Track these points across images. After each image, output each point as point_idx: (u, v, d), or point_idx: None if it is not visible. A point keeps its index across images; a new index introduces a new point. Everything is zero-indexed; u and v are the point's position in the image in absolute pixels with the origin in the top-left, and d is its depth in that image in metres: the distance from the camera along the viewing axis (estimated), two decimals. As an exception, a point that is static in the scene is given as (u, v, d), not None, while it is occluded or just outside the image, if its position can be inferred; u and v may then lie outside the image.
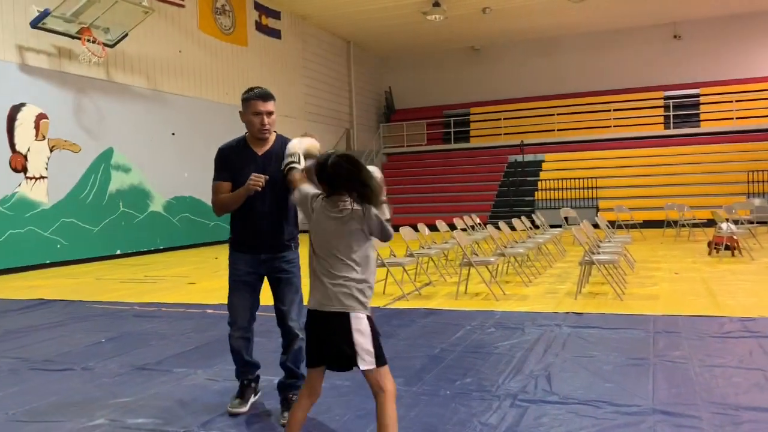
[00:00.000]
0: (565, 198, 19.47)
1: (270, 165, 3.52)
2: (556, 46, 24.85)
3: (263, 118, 3.51)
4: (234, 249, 3.68)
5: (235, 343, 3.71)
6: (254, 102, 3.50)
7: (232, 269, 3.67)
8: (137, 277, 10.30)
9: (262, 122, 3.51)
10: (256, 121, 3.51)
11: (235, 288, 3.67)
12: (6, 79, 11.58)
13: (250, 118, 3.52)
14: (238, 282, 3.65)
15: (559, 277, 8.69)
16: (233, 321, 3.70)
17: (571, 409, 3.51)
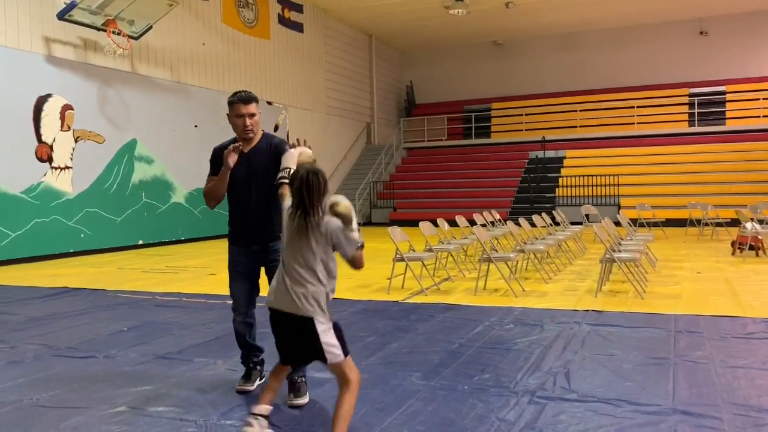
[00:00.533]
0: (587, 195, 19.29)
1: (256, 160, 3.79)
2: (579, 41, 24.62)
3: (245, 119, 3.78)
4: (230, 242, 3.95)
5: (238, 327, 3.94)
6: (237, 105, 3.78)
7: (229, 260, 3.93)
8: (159, 267, 10.42)
9: (245, 124, 3.78)
10: (239, 123, 3.79)
11: (232, 278, 3.93)
12: (33, 71, 11.75)
13: (234, 120, 3.81)
14: (235, 272, 3.92)
15: (579, 274, 8.63)
16: (235, 307, 3.94)
17: (589, 407, 3.49)
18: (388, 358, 4.58)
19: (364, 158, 23.86)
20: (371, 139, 25.05)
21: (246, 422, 3.04)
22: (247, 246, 3.84)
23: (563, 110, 23.63)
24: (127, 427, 3.36)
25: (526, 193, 20.30)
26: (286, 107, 19.34)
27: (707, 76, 22.86)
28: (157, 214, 14.43)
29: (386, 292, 7.45)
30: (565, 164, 21.41)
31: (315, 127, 20.97)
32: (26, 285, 8.66)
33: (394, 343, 4.99)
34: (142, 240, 14.03)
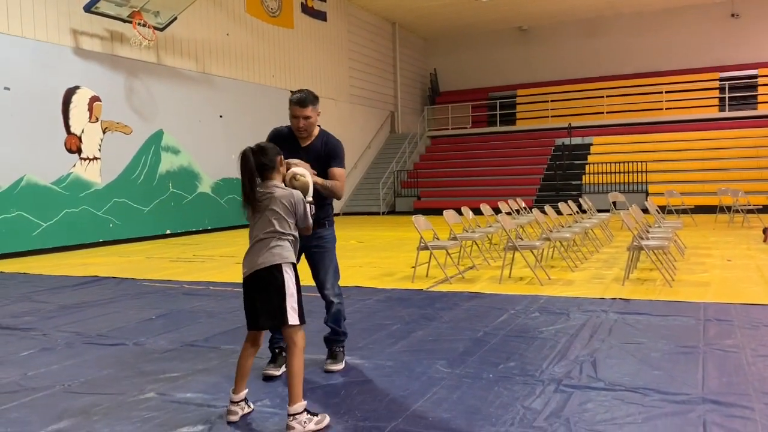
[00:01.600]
0: (614, 182, 19.04)
1: (310, 157, 3.94)
2: (606, 26, 24.22)
3: (300, 121, 3.97)
4: None
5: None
6: (293, 107, 3.97)
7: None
8: (186, 257, 10.55)
9: (298, 125, 3.99)
10: (294, 124, 4.01)
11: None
12: (61, 63, 11.93)
13: (291, 120, 4.02)
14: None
15: (606, 262, 8.53)
16: None
17: (617, 395, 3.45)
18: (413, 345, 4.58)
19: (387, 147, 23.83)
20: (395, 127, 25.00)
21: (228, 410, 3.24)
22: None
23: (590, 96, 23.31)
24: (156, 412, 3.42)
25: (552, 181, 20.10)
26: (310, 96, 19.34)
27: (738, 59, 22.33)
28: (184, 203, 14.60)
29: (410, 280, 7.45)
30: (592, 151, 21.14)
31: (339, 116, 20.98)
32: (57, 274, 8.84)
33: (419, 331, 4.99)
34: (169, 230, 14.22)
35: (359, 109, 22.43)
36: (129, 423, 3.28)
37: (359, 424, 3.16)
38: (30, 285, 7.94)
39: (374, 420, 3.19)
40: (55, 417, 3.37)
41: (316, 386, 3.75)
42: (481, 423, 3.12)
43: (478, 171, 21.52)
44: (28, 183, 11.35)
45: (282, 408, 3.35)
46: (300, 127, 3.98)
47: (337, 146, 4.12)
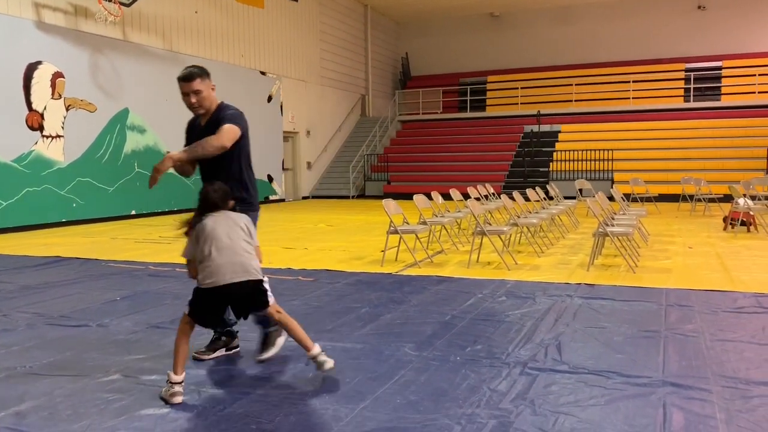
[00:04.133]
0: (581, 170, 19.30)
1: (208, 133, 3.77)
2: (576, 14, 24.41)
3: (191, 97, 3.78)
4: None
5: None
6: (180, 84, 3.78)
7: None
8: (152, 238, 10.40)
9: (191, 102, 3.79)
10: (186, 101, 3.80)
11: None
12: (23, 37, 11.56)
13: (183, 99, 3.81)
14: None
15: (571, 248, 8.67)
16: None
17: (580, 378, 3.52)
18: (381, 329, 4.60)
19: (358, 130, 23.74)
20: (366, 111, 24.90)
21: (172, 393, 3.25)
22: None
23: (559, 84, 23.51)
24: (121, 394, 3.37)
25: (520, 167, 20.29)
26: (280, 78, 19.15)
27: (704, 51, 22.75)
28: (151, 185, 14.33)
29: (380, 264, 7.47)
30: (560, 138, 21.37)
31: (309, 98, 20.79)
32: (18, 254, 8.63)
33: (387, 315, 5.01)
34: (134, 210, 13.97)
35: (330, 91, 22.27)
36: (93, 405, 3.23)
37: (327, 405, 3.16)
38: (-11, 265, 7.74)
39: (342, 402, 3.20)
40: (16, 399, 3.30)
41: (284, 369, 3.74)
42: (448, 405, 3.16)
43: (448, 156, 21.59)
44: (-12, 160, 11.02)
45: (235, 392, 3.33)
46: (192, 104, 3.80)
47: (234, 114, 3.88)
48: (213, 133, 3.74)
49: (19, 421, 3.03)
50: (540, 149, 20.84)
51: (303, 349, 3.59)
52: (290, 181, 20.29)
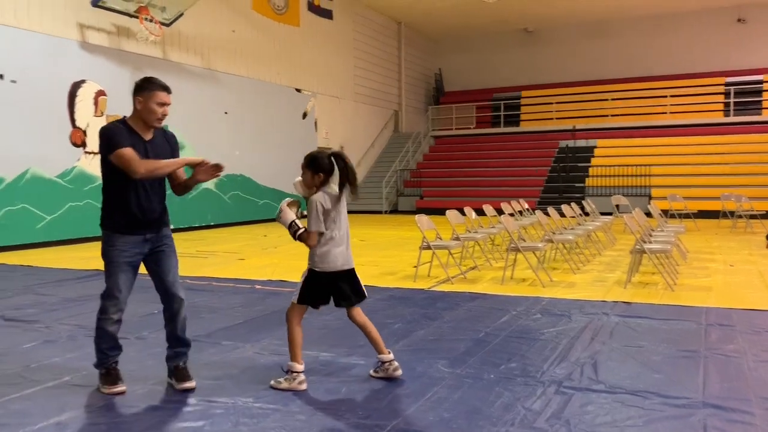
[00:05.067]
0: (617, 185, 19.02)
1: (160, 150, 3.75)
2: (612, 29, 24.19)
3: (165, 109, 3.72)
4: (117, 231, 3.67)
5: (113, 327, 3.71)
6: (160, 93, 3.70)
7: (117, 251, 3.64)
8: (189, 252, 10.56)
9: (164, 113, 3.72)
10: (159, 111, 3.69)
11: (120, 269, 3.65)
12: (68, 57, 11.95)
13: (152, 107, 3.67)
14: (124, 263, 3.66)
15: (608, 265, 8.53)
16: (117, 303, 3.68)
17: (617, 398, 3.46)
18: (414, 344, 4.59)
19: (391, 146, 23.83)
20: (399, 126, 25.00)
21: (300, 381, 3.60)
22: (144, 234, 3.69)
23: (594, 99, 23.29)
24: (158, 406, 3.43)
25: (555, 183, 20.10)
26: (315, 94, 19.38)
27: (744, 64, 22.29)
28: (188, 199, 14.61)
29: (412, 280, 7.46)
30: (596, 154, 21.12)
31: (342, 115, 20.98)
32: (60, 267, 8.86)
33: (420, 331, 5.00)
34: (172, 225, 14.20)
35: (363, 107, 22.44)
36: (130, 416, 3.29)
37: (361, 422, 3.17)
38: (34, 277, 7.96)
39: (376, 418, 3.20)
40: (56, 409, 3.38)
41: (317, 384, 3.76)
42: (481, 423, 3.13)
43: (481, 171, 21.51)
44: (33, 176, 11.37)
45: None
46: (164, 115, 3.71)
47: (174, 137, 3.93)
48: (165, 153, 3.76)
49: (60, 431, 3.10)
50: (575, 164, 20.62)
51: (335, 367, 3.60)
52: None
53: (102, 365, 3.72)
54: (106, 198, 3.72)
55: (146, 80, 3.75)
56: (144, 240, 3.70)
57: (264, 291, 6.85)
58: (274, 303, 6.10)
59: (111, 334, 3.71)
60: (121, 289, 3.66)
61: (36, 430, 3.11)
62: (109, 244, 3.66)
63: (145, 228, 3.70)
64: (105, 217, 3.72)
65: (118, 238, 3.65)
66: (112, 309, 3.68)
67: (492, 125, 24.64)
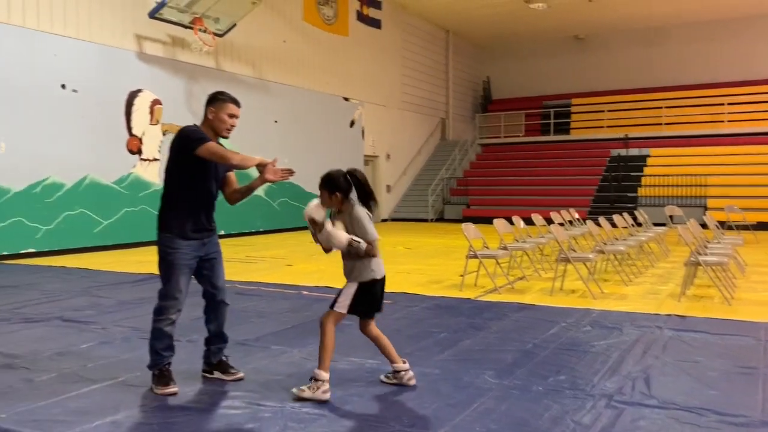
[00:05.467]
0: (671, 195, 18.52)
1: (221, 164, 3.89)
2: (666, 35, 23.64)
3: (234, 120, 3.90)
4: (182, 236, 3.79)
5: (170, 327, 3.83)
6: (231, 105, 3.87)
7: (179, 254, 3.77)
8: (239, 257, 10.76)
9: (233, 125, 3.89)
10: (229, 123, 3.87)
11: (181, 272, 3.78)
12: (126, 67, 12.37)
13: (223, 117, 3.85)
14: (185, 266, 3.80)
15: (661, 277, 8.31)
16: (176, 305, 3.80)
17: (671, 414, 3.36)
18: (460, 355, 4.56)
19: (438, 154, 23.79)
20: (446, 134, 24.95)
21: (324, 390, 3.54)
22: (202, 239, 3.86)
23: (648, 107, 22.76)
24: (206, 408, 3.50)
25: (606, 192, 19.69)
26: (362, 103, 19.52)
27: (808, 71, 21.46)
28: (238, 205, 14.85)
29: (459, 289, 7.42)
30: (649, 163, 20.62)
31: (389, 123, 21.06)
32: (116, 271, 9.14)
33: (467, 341, 4.96)
34: (223, 230, 14.48)
35: (410, 115, 22.48)
36: (181, 417, 3.37)
37: (406, 430, 3.16)
38: (91, 280, 8.24)
39: (420, 427, 3.20)
40: (112, 408, 3.49)
41: (362, 391, 3.77)
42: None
43: (530, 180, 21.26)
44: (91, 182, 11.79)
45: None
46: (233, 127, 3.90)
47: None
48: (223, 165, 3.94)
49: (115, 430, 3.20)
50: (628, 173, 20.17)
51: (381, 374, 3.60)
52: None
53: (156, 366, 3.82)
54: (172, 202, 3.82)
55: (219, 93, 3.93)
56: (202, 244, 3.86)
57: (311, 297, 6.91)
58: (322, 309, 6.12)
59: (168, 335, 3.81)
60: (181, 290, 3.79)
61: (93, 428, 3.22)
62: (171, 246, 3.77)
63: (204, 233, 3.88)
64: (168, 220, 3.81)
65: (181, 242, 3.77)
66: (171, 310, 3.79)
67: (541, 133, 24.34)
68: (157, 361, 3.82)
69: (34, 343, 4.95)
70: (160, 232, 3.82)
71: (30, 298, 6.90)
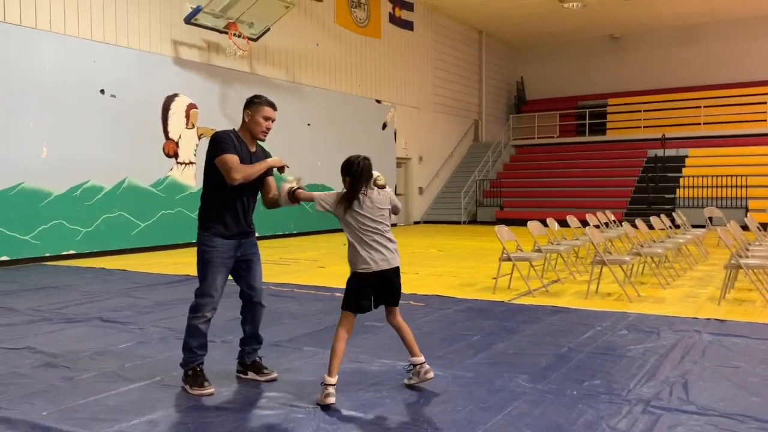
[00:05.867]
0: (710, 196, 18.10)
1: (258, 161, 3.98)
2: (704, 33, 23.13)
3: (270, 124, 3.96)
4: (220, 235, 3.86)
5: (205, 325, 3.90)
6: (267, 108, 3.93)
7: (217, 253, 3.84)
8: (273, 259, 10.87)
9: (269, 127, 3.96)
10: (264, 125, 3.94)
11: (219, 271, 3.86)
12: (162, 72, 12.61)
13: (259, 120, 3.92)
14: (223, 265, 3.87)
15: (700, 280, 8.12)
16: (212, 303, 3.86)
17: (710, 421, 3.28)
18: (493, 358, 4.53)
19: (470, 156, 23.67)
20: (479, 136, 24.81)
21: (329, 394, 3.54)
22: (239, 239, 3.92)
23: (686, 106, 22.29)
24: (240, 408, 3.54)
25: (643, 194, 19.35)
26: (395, 105, 19.54)
27: None
28: (271, 208, 15.04)
29: (491, 291, 7.37)
30: (687, 163, 20.20)
31: (422, 125, 21.03)
32: (153, 272, 9.31)
33: (500, 344, 4.93)
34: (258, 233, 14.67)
35: (443, 117, 22.42)
36: (216, 417, 3.41)
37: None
38: (128, 281, 8.41)
39: (454, 430, 3.18)
40: (149, 407, 3.55)
41: (394, 393, 3.77)
42: (563, 440, 3.05)
43: (564, 182, 21.00)
44: (129, 185, 12.04)
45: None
46: (268, 129, 3.97)
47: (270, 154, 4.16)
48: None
49: (152, 429, 3.26)
50: (665, 174, 19.79)
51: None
52: (402, 206, 20.51)
53: (189, 365, 3.87)
54: (211, 202, 3.91)
55: (256, 96, 4.00)
56: (239, 245, 3.92)
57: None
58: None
59: (202, 333, 3.88)
60: (218, 288, 3.85)
61: (130, 427, 3.28)
62: (209, 245, 3.85)
63: (242, 234, 3.93)
64: (207, 220, 3.90)
65: (219, 241, 3.84)
66: (207, 308, 3.85)
67: (577, 134, 24.04)
68: (190, 359, 3.87)
69: (75, 343, 5.08)
70: (199, 231, 3.93)
71: (71, 299, 7.07)
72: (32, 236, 10.59)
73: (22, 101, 10.44)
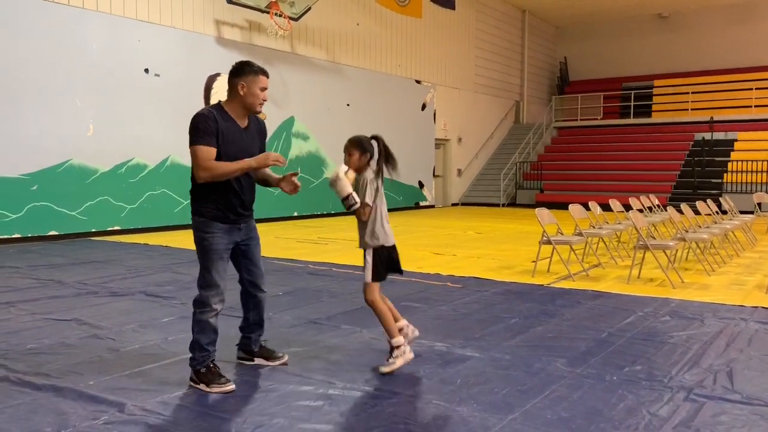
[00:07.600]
0: (760, 182, 17.53)
1: (254, 141, 3.72)
2: (756, 12, 22.26)
3: (266, 94, 3.65)
4: (217, 219, 3.58)
5: (215, 318, 3.62)
6: (263, 78, 3.62)
7: (216, 239, 3.57)
8: (311, 238, 10.96)
9: (265, 98, 3.66)
10: (260, 96, 3.61)
11: (220, 258, 3.59)
12: (205, 51, 12.73)
13: (257, 92, 3.60)
14: (224, 251, 3.61)
15: (747, 267, 7.90)
16: (219, 293, 3.59)
17: (755, 410, 3.20)
18: (531, 341, 4.49)
19: (511, 137, 23.38)
20: (520, 117, 24.46)
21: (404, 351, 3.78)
22: (239, 223, 3.65)
23: (735, 88, 21.55)
24: (278, 385, 3.59)
25: (689, 178, 18.85)
26: (434, 86, 19.37)
27: None
28: (311, 188, 15.15)
29: (531, 275, 7.29)
30: (736, 147, 19.57)
31: (462, 106, 20.82)
32: (194, 249, 9.46)
33: (539, 327, 4.88)
34: (296, 212, 14.82)
35: (483, 98, 22.15)
36: (255, 392, 3.47)
37: (475, 414, 3.15)
38: (171, 257, 8.59)
39: (492, 412, 3.17)
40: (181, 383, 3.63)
41: (431, 373, 3.78)
42: (603, 425, 3.01)
43: (607, 165, 20.58)
44: (173, 163, 12.25)
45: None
46: (264, 100, 3.64)
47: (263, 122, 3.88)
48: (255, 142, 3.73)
49: (199, 399, 3.33)
50: (712, 158, 19.23)
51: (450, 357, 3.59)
52: (440, 187, 20.44)
53: (202, 363, 3.56)
54: (204, 185, 3.56)
55: (247, 64, 3.65)
56: (238, 229, 3.66)
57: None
58: (392, 290, 6.19)
59: (212, 328, 3.61)
60: (222, 276, 3.59)
61: (173, 398, 3.37)
62: (206, 231, 3.57)
63: (240, 217, 3.66)
64: (201, 204, 3.59)
65: (216, 226, 3.57)
66: (215, 299, 3.58)
67: (621, 116, 23.49)
68: (203, 357, 3.57)
69: (120, 316, 5.22)
70: (193, 216, 3.63)
71: (116, 273, 7.26)
72: (79, 212, 10.89)
73: (69, 80, 10.68)
